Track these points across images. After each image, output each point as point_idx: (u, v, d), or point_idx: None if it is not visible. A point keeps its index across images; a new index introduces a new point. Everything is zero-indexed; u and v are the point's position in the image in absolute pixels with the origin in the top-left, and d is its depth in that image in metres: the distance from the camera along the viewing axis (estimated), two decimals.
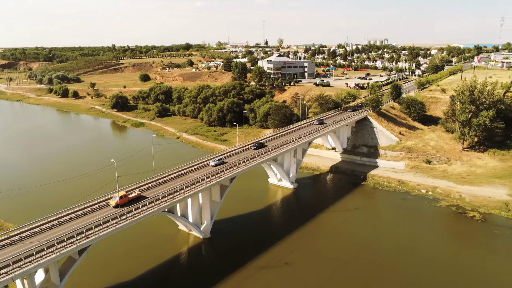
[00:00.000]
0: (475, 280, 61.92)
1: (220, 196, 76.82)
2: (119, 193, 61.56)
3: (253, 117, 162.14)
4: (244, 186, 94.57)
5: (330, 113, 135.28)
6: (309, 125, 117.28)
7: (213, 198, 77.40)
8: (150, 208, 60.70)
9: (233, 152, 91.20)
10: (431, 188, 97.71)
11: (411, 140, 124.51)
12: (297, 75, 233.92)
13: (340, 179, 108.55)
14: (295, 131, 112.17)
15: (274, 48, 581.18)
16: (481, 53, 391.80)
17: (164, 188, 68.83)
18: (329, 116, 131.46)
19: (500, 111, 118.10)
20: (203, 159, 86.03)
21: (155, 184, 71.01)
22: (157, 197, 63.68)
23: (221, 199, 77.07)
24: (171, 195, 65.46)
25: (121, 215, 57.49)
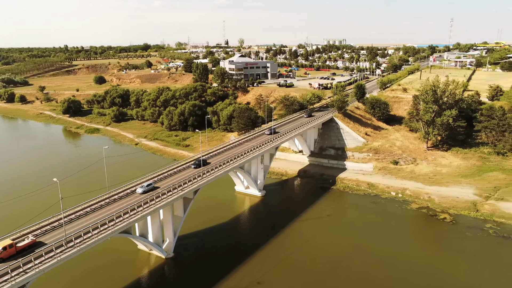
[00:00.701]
0: (452, 286, 59.82)
1: (184, 210, 70.28)
2: (2, 242, 47.73)
3: (216, 120, 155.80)
4: (209, 196, 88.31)
5: (295, 116, 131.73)
6: (279, 126, 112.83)
7: (176, 213, 70.77)
8: (102, 231, 53.18)
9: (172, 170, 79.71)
10: (401, 190, 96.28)
11: (378, 141, 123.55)
12: (260, 76, 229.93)
13: (309, 184, 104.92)
14: (261, 135, 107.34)
15: (235, 48, 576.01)
16: (435, 52, 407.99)
17: (119, 206, 61.33)
18: (291, 120, 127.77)
19: (462, 110, 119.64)
20: (165, 168, 78.90)
21: (108, 202, 63.23)
22: (111, 217, 56.20)
23: (185, 213, 70.55)
24: (127, 214, 58.16)
25: (67, 242, 49.69)
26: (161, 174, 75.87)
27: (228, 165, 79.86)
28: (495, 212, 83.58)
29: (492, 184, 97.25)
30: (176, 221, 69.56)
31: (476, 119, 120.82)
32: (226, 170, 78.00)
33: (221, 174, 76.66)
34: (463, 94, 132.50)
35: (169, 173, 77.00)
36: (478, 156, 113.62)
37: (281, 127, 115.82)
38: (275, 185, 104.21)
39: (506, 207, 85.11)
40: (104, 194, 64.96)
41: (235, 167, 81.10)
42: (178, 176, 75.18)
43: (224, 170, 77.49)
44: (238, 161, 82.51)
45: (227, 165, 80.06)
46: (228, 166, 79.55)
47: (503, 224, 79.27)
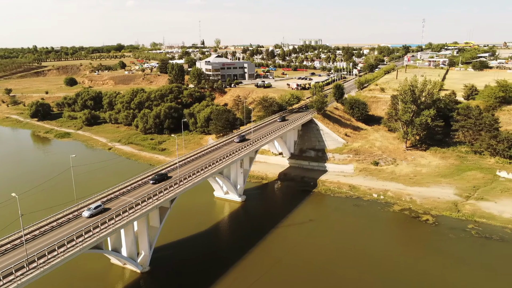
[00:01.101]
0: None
1: (160, 220, 66.26)
2: None
3: (193, 123, 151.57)
4: (187, 203, 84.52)
5: (274, 117, 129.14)
6: (255, 130, 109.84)
7: (152, 223, 66.73)
8: (69, 249, 48.68)
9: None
10: (382, 192, 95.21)
11: (357, 142, 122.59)
12: (237, 76, 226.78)
13: (290, 187, 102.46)
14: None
15: (211, 48, 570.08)
16: (408, 52, 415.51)
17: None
18: (270, 121, 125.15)
19: (439, 109, 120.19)
20: (139, 176, 74.50)
21: (76, 215, 58.54)
22: (79, 232, 51.72)
23: (161, 223, 66.54)
24: (97, 228, 53.79)
25: (30, 263, 45.05)
26: (123, 188, 70.40)
27: (206, 171, 76.23)
28: (476, 212, 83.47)
29: (471, 183, 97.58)
30: (152, 232, 65.48)
31: (453, 119, 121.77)
32: (205, 177, 74.36)
33: (199, 181, 72.99)
34: (439, 94, 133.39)
35: (131, 187, 71.90)
36: (456, 155, 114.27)
37: (260, 129, 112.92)
38: (255, 189, 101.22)
39: (486, 206, 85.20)
40: (73, 206, 60.21)
41: (213, 173, 77.63)
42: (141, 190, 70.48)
43: (202, 176, 73.83)
44: (217, 167, 79.07)
45: (205, 171, 76.38)
46: (206, 172, 75.93)
47: (484, 225, 79.07)
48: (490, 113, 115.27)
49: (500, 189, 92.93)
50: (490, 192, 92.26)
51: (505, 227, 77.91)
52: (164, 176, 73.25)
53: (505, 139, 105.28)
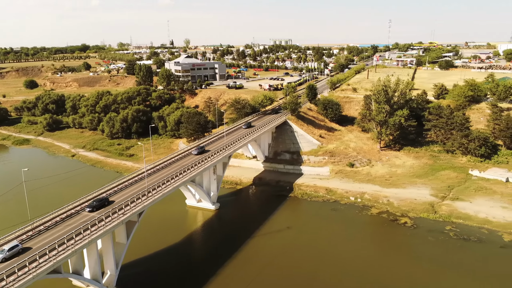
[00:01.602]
0: None
1: (127, 236, 60.98)
2: None
3: (163, 126, 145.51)
4: (156, 214, 79.25)
5: (248, 119, 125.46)
6: (228, 133, 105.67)
7: (118, 239, 61.35)
8: (21, 277, 42.88)
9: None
10: (359, 195, 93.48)
11: (332, 143, 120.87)
12: (207, 77, 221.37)
13: (265, 193, 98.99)
14: (213, 142, 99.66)
15: (181, 49, 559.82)
16: (377, 52, 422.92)
17: (45, 240, 50.94)
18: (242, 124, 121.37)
19: (412, 109, 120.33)
20: (102, 188, 68.62)
21: (32, 235, 52.46)
22: (33, 257, 45.93)
23: (128, 239, 61.28)
24: (54, 250, 48.08)
25: None
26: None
27: (177, 180, 71.36)
28: (452, 213, 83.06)
29: (446, 183, 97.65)
30: (118, 249, 60.09)
31: (424, 118, 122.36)
32: (175, 186, 69.52)
33: (169, 192, 68.10)
34: (411, 94, 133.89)
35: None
36: (429, 155, 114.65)
37: (232, 132, 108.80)
38: (229, 195, 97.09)
39: (462, 206, 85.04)
40: (26, 226, 54.02)
41: (185, 182, 72.89)
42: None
43: (173, 186, 68.97)
44: (188, 175, 74.34)
45: (175, 180, 71.49)
46: (177, 181, 71.04)
47: (461, 225, 78.63)
48: (461, 112, 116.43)
49: (474, 188, 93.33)
50: (465, 191, 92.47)
51: (481, 227, 77.71)
52: (104, 202, 61.57)
53: (476, 138, 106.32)
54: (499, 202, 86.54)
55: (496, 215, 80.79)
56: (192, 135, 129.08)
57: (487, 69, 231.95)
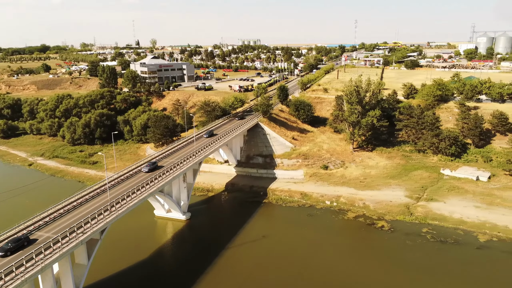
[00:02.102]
0: None
1: (88, 256, 55.30)
2: None
3: (129, 131, 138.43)
4: (122, 227, 73.34)
5: (219, 122, 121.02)
6: (197, 137, 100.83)
7: (78, 260, 55.54)
8: None
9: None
10: (335, 198, 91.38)
11: (305, 145, 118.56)
12: (175, 79, 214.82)
13: (238, 199, 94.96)
14: (183, 147, 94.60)
15: (147, 49, 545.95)
16: (344, 52, 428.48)
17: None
18: (214, 127, 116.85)
19: (383, 109, 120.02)
20: (59, 204, 62.31)
21: None
22: None
23: (90, 259, 55.62)
24: (1, 281, 42.05)
25: None
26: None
27: (143, 192, 66.04)
28: (428, 214, 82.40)
29: (419, 183, 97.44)
30: (78, 271, 54.30)
31: (395, 118, 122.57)
32: (142, 199, 64.21)
33: (136, 204, 62.76)
34: (382, 94, 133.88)
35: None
36: (402, 155, 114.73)
37: (202, 136, 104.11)
38: (201, 203, 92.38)
39: (436, 207, 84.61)
40: None
41: (152, 193, 67.73)
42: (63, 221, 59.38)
43: (139, 198, 63.64)
44: (156, 185, 69.20)
45: (142, 191, 66.17)
46: (143, 193, 65.73)
47: (437, 227, 77.94)
48: (431, 111, 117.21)
49: (446, 188, 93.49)
50: (438, 191, 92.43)
51: (457, 228, 77.34)
52: (21, 242, 48.86)
53: (447, 138, 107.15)
54: (472, 201, 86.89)
55: (470, 215, 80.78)
56: (160, 139, 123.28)
57: (450, 68, 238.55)
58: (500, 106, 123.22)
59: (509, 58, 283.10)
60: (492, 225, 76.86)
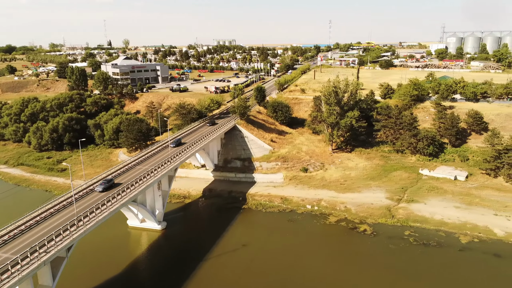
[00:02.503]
0: None
1: (53, 277, 50.57)
2: None
3: (100, 135, 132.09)
4: (92, 240, 68.51)
5: (195, 125, 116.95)
6: None
7: (42, 281, 50.71)
8: None
9: None
10: (316, 202, 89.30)
11: (284, 147, 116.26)
12: (149, 80, 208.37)
13: (217, 205, 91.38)
14: (158, 153, 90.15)
15: (119, 50, 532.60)
16: (320, 52, 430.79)
17: None
18: (189, 131, 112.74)
19: (361, 110, 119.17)
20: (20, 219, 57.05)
21: None
22: None
23: (55, 280, 50.91)
24: None
25: None
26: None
27: (114, 203, 61.62)
28: (409, 216, 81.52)
29: (399, 184, 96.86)
30: None
31: (373, 118, 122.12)
32: (112, 211, 59.76)
33: (106, 217, 58.31)
34: (361, 94, 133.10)
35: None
36: (380, 155, 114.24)
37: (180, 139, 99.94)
38: (177, 211, 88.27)
39: (417, 209, 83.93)
40: None
41: (124, 203, 63.38)
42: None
43: (110, 211, 59.19)
44: (128, 195, 64.85)
45: (112, 203, 61.71)
46: (114, 204, 61.33)
47: (419, 229, 77.09)
48: (408, 111, 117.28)
49: (426, 189, 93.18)
50: (418, 192, 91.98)
51: (438, 229, 76.73)
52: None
53: (424, 138, 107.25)
54: (452, 201, 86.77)
55: (450, 216, 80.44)
56: (133, 144, 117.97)
57: (423, 68, 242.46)
58: (474, 105, 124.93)
59: (478, 58, 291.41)
60: (473, 226, 76.72)
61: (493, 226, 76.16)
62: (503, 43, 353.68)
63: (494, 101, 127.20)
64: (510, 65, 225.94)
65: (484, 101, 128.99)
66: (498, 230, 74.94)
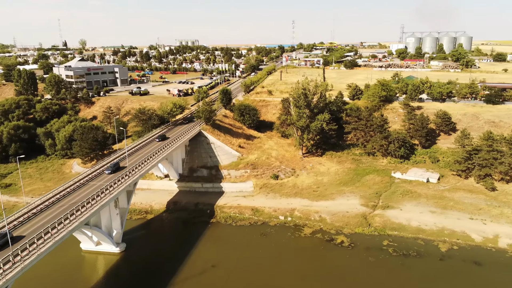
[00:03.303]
0: None
1: None
2: None
3: (51, 145, 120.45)
4: (39, 268, 59.29)
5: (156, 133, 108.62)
6: (130, 152, 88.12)
7: None
8: None
9: None
10: (289, 212, 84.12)
11: (253, 153, 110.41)
12: (107, 83, 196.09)
13: (182, 220, 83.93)
14: None
15: (76, 51, 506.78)
16: (284, 52, 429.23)
17: None
18: (150, 139, 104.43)
19: (331, 112, 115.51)
20: None
21: None
22: None
23: None
24: None
25: None
26: None
27: (61, 231, 52.97)
28: (386, 224, 78.13)
29: (373, 189, 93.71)
30: None
31: (343, 120, 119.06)
32: (57, 240, 51.23)
33: (50, 248, 49.73)
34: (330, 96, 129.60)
35: None
36: (352, 159, 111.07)
37: (139, 150, 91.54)
38: (138, 230, 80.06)
39: (393, 215, 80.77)
40: None
41: (75, 228, 54.89)
42: None
43: (54, 240, 50.63)
44: (79, 219, 56.36)
45: (59, 230, 53.03)
46: (61, 232, 52.68)
47: (397, 238, 73.81)
48: (378, 113, 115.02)
49: (400, 193, 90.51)
50: (392, 197, 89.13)
51: (416, 237, 73.81)
52: None
53: (396, 140, 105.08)
54: (426, 206, 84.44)
55: (427, 222, 77.80)
56: (88, 154, 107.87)
57: (387, 67, 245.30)
58: (441, 105, 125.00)
59: (437, 58, 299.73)
60: (450, 232, 74.41)
61: (470, 231, 74.21)
62: (458, 43, 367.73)
63: (460, 101, 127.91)
64: (467, 64, 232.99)
65: (450, 101, 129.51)
66: (475, 235, 73.02)
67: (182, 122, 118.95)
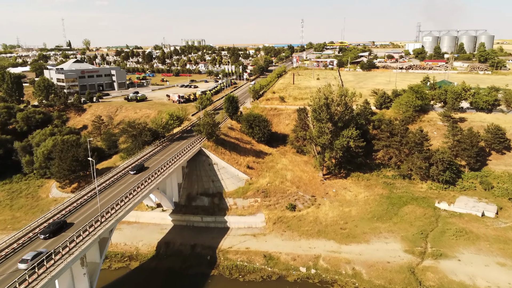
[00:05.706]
0: None
1: None
2: None
3: (29, 162, 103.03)
4: None
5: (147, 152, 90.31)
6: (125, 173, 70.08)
7: None
8: None
9: None
10: (312, 262, 65.33)
11: (264, 176, 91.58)
12: (103, 87, 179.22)
13: (175, 272, 65.41)
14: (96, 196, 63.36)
15: (79, 51, 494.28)
16: (294, 52, 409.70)
17: None
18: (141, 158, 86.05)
19: (357, 125, 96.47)
20: None
21: None
22: None
23: None
24: None
25: None
26: None
27: None
28: (443, 283, 59.03)
29: (415, 226, 74.58)
30: None
31: (369, 134, 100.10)
32: None
33: None
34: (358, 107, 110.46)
35: None
36: (383, 182, 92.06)
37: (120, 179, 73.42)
38: (116, 285, 61.85)
39: (450, 269, 61.63)
40: None
41: None
42: None
43: None
44: None
45: None
46: None
47: None
48: (415, 126, 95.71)
49: (452, 234, 71.32)
50: (443, 239, 69.92)
51: None
52: None
53: (439, 161, 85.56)
54: (491, 254, 65.16)
55: (498, 280, 58.58)
56: (66, 177, 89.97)
57: (407, 69, 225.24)
58: (488, 117, 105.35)
59: (460, 58, 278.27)
60: None
61: None
62: (479, 42, 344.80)
63: (510, 111, 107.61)
64: (497, 66, 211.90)
65: (496, 110, 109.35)
66: None
67: (180, 136, 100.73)
